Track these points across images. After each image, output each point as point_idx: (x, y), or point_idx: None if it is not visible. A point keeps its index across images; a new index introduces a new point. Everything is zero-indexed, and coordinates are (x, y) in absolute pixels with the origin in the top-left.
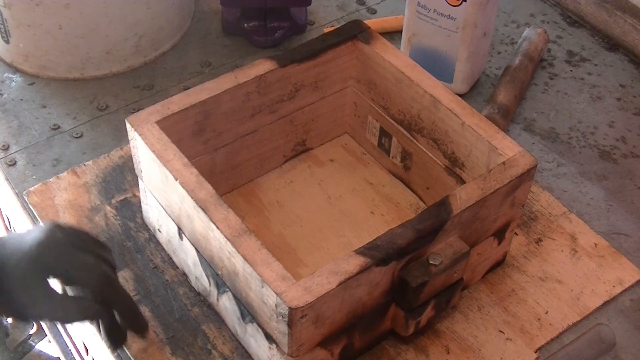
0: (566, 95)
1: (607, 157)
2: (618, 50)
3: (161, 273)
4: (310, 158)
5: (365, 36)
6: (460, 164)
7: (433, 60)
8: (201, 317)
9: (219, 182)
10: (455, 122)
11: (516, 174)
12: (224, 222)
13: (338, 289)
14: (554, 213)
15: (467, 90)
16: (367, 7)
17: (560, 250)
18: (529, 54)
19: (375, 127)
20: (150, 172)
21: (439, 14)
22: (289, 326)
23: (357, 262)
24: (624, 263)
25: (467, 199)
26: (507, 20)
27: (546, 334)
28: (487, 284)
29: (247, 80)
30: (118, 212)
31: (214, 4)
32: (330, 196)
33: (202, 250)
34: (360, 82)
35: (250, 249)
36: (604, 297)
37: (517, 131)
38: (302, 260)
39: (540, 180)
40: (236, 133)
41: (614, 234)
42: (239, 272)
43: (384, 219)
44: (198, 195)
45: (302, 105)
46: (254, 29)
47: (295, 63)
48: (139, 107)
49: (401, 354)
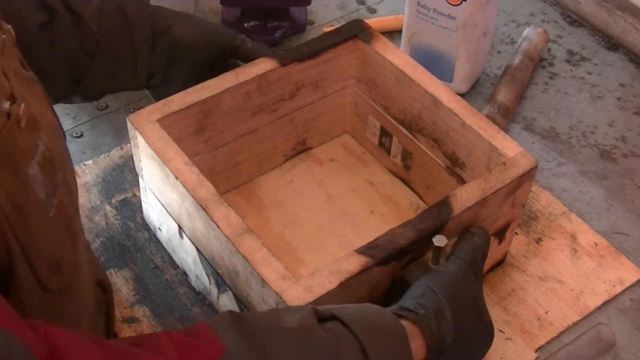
0: (566, 94)
1: (607, 157)
2: (618, 49)
3: (161, 273)
4: (311, 157)
5: (365, 35)
6: (460, 164)
7: (433, 60)
8: (201, 317)
9: (219, 180)
10: (455, 122)
11: (517, 175)
12: (225, 221)
13: (338, 288)
14: (554, 213)
15: (467, 90)
16: (367, 7)
17: (561, 249)
18: (529, 54)
19: (375, 126)
20: (151, 170)
21: (439, 13)
22: None
23: (358, 262)
24: (624, 263)
25: (468, 199)
26: (507, 20)
27: (546, 334)
28: (487, 284)
29: (248, 79)
30: (118, 211)
31: (214, 4)
32: (330, 196)
33: (202, 249)
34: (360, 81)
35: (250, 248)
36: (604, 296)
37: (517, 131)
38: (302, 259)
39: (540, 180)
40: (237, 132)
41: (614, 233)
42: (240, 271)
43: (384, 219)
44: (199, 194)
45: (303, 105)
46: (254, 29)
47: (296, 62)
48: (139, 106)
49: None
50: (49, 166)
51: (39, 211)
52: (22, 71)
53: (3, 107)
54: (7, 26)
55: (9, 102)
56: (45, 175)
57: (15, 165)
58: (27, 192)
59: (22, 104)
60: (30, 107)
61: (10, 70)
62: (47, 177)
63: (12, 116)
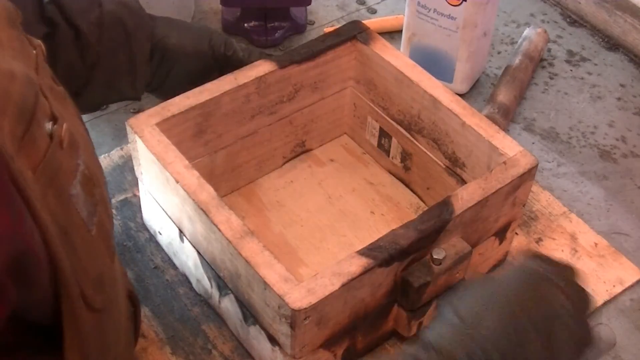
0: (566, 95)
1: (607, 157)
2: (618, 50)
3: (161, 273)
4: (311, 158)
5: (364, 37)
6: (460, 164)
7: (433, 60)
8: (201, 317)
9: (219, 183)
10: (455, 122)
11: (517, 174)
12: (226, 224)
13: (341, 290)
14: (554, 213)
15: (467, 90)
16: (367, 7)
17: (561, 249)
18: (529, 54)
19: (374, 127)
20: (151, 174)
21: (439, 13)
22: (292, 328)
23: (360, 263)
24: (624, 263)
25: (469, 199)
26: (507, 20)
27: None
28: None
29: (247, 82)
30: (118, 212)
31: (214, 4)
32: (330, 196)
33: (203, 253)
34: (359, 82)
35: (252, 251)
36: (604, 296)
37: (517, 131)
38: (303, 259)
39: (541, 180)
40: (236, 134)
41: (614, 233)
42: (241, 274)
43: (384, 219)
44: (199, 198)
45: (302, 106)
46: (254, 29)
47: (295, 64)
48: (139, 107)
49: None
50: (89, 184)
51: (82, 231)
52: (55, 87)
53: (45, 129)
54: (38, 41)
55: (51, 123)
56: (87, 193)
57: (59, 186)
58: (71, 212)
59: (64, 124)
60: (70, 125)
61: (46, 88)
62: (88, 195)
63: (54, 137)
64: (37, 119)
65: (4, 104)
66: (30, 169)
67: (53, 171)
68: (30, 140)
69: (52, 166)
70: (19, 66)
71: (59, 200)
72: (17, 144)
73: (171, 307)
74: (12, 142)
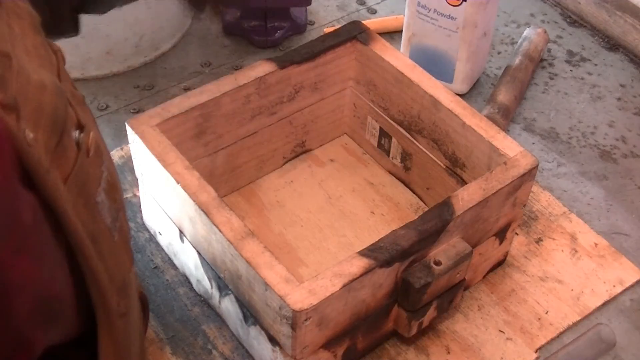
0: (566, 95)
1: (607, 157)
2: (618, 50)
3: (161, 273)
4: (311, 158)
5: (364, 37)
6: (461, 165)
7: (433, 60)
8: (201, 317)
9: (219, 184)
10: (455, 123)
11: (518, 174)
12: (227, 225)
13: (342, 291)
14: (554, 213)
15: (467, 90)
16: (367, 7)
17: (561, 250)
18: (529, 54)
19: (374, 128)
20: (151, 175)
21: (439, 13)
22: (292, 329)
23: (361, 264)
24: (624, 263)
25: (470, 200)
26: (507, 20)
27: (546, 334)
28: (488, 284)
29: (247, 82)
30: None
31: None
32: (330, 196)
33: (204, 253)
34: (359, 83)
35: (253, 251)
36: (604, 297)
37: (517, 131)
38: (303, 260)
39: (541, 180)
40: (236, 135)
41: (614, 233)
42: (242, 275)
43: (384, 219)
44: (200, 198)
45: (302, 107)
46: (254, 29)
47: (295, 64)
48: (139, 107)
49: (401, 354)
50: (113, 190)
51: (107, 238)
52: (76, 92)
53: (73, 137)
54: (57, 45)
55: (78, 131)
56: (110, 200)
57: (88, 195)
58: (97, 220)
59: (91, 132)
60: (95, 132)
61: (70, 95)
62: (111, 202)
63: (81, 146)
64: (67, 129)
65: (37, 116)
66: (62, 180)
67: (82, 181)
68: (61, 151)
69: (81, 176)
70: (47, 75)
71: (87, 209)
72: (50, 156)
73: (171, 308)
74: (47, 155)
